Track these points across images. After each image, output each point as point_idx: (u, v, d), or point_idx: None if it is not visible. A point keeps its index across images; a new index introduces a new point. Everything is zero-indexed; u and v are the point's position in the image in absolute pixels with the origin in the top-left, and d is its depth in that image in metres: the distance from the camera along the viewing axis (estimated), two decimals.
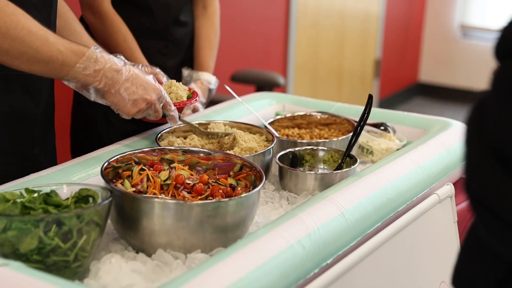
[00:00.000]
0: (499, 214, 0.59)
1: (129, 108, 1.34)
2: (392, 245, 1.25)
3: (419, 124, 1.69)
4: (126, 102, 1.32)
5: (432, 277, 1.38)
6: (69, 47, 1.24)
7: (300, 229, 1.08)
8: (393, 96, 5.32)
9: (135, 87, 1.32)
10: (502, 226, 0.60)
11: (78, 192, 1.10)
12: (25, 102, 1.37)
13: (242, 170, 1.25)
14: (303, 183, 1.36)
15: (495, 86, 0.61)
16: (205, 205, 1.08)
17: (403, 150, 1.47)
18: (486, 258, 0.66)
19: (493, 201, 0.60)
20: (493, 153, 0.59)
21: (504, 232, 0.60)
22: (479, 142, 0.61)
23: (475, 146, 0.62)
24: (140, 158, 1.25)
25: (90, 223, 1.02)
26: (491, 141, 0.59)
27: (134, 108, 1.34)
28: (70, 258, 1.00)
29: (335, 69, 4.55)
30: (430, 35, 5.53)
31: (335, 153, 1.48)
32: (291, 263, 1.01)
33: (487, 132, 0.60)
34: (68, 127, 1.98)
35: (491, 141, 0.59)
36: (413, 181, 1.35)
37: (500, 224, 0.60)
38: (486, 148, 0.60)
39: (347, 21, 4.53)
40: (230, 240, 1.11)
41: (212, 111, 1.76)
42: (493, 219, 0.61)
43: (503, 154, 0.58)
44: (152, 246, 1.09)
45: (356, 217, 1.17)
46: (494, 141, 0.59)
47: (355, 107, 1.79)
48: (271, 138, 1.48)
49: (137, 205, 1.08)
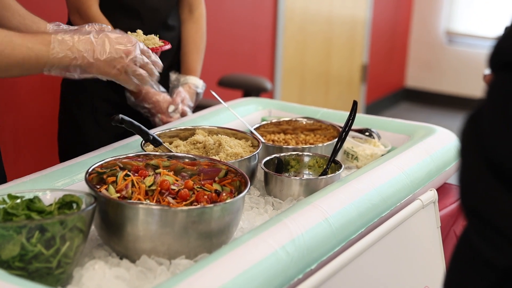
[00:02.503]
0: (494, 224, 0.60)
1: (114, 72, 1.31)
2: (376, 250, 1.25)
3: (403, 130, 1.70)
4: (108, 66, 1.30)
5: (416, 282, 1.38)
6: (35, 40, 1.23)
7: (284, 234, 1.08)
8: (380, 101, 5.34)
9: (107, 47, 1.30)
10: (497, 236, 0.60)
11: (61, 198, 1.10)
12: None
13: (227, 176, 1.25)
14: (288, 189, 1.37)
15: (490, 98, 0.61)
16: (190, 211, 1.08)
17: (388, 156, 1.48)
18: (477, 266, 0.66)
19: (489, 212, 0.60)
20: (489, 165, 0.59)
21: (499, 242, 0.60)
22: (475, 153, 0.61)
23: (471, 157, 0.62)
24: (125, 163, 1.25)
25: (73, 229, 1.01)
26: (487, 153, 0.60)
27: (114, 69, 1.31)
28: (53, 265, 0.99)
29: (323, 74, 4.56)
30: (417, 41, 5.56)
31: (320, 158, 1.48)
32: (275, 269, 1.02)
33: (483, 144, 0.60)
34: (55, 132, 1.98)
35: (487, 153, 0.60)
36: (397, 187, 1.36)
37: (495, 234, 0.60)
38: (482, 160, 0.60)
39: (334, 27, 4.55)
40: (215, 246, 1.11)
41: (198, 117, 1.76)
42: (488, 229, 0.61)
43: (499, 166, 0.58)
44: (136, 252, 1.09)
45: (340, 223, 1.18)
46: (490, 153, 0.59)
47: (340, 113, 1.80)
48: (256, 143, 1.48)
49: (121, 211, 1.08)
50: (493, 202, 0.59)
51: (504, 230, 0.59)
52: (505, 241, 0.59)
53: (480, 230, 0.62)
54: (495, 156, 0.59)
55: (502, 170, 0.58)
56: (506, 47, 0.62)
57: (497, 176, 0.59)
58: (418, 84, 5.65)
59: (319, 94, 4.58)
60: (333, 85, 4.70)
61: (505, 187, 0.58)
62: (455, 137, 1.65)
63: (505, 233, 0.59)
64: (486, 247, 0.62)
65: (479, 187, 0.60)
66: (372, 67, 5.07)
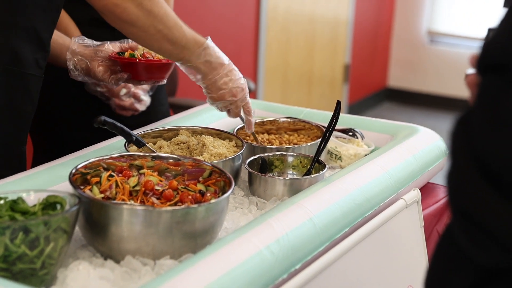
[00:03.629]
0: (482, 225, 0.60)
1: (227, 93, 1.48)
2: (360, 250, 1.26)
3: (386, 130, 1.71)
4: (226, 88, 1.48)
5: (400, 281, 1.39)
6: (192, 34, 1.42)
7: (268, 234, 1.08)
8: (362, 101, 5.37)
9: (235, 77, 1.48)
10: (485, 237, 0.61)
11: (45, 198, 1.09)
12: (23, 100, 1.38)
13: (212, 176, 1.26)
14: (272, 189, 1.37)
15: (479, 101, 0.62)
16: (174, 211, 1.08)
17: (371, 156, 1.49)
18: (460, 265, 0.67)
19: (476, 212, 0.60)
20: (479, 167, 0.60)
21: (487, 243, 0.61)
22: (465, 155, 0.61)
23: (460, 159, 0.62)
24: (108, 164, 1.25)
25: (57, 230, 1.01)
26: (477, 154, 0.60)
27: (229, 93, 1.49)
28: (37, 266, 0.99)
29: (305, 74, 4.57)
30: (399, 41, 5.59)
31: (304, 158, 1.49)
32: (260, 269, 1.02)
33: (473, 146, 0.61)
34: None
35: (476, 154, 0.60)
36: (380, 187, 1.37)
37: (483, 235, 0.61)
38: (472, 162, 0.60)
39: (316, 27, 4.56)
40: (199, 246, 1.11)
41: (181, 117, 1.76)
42: (474, 229, 0.61)
43: (489, 168, 0.59)
44: (120, 252, 1.09)
45: (325, 223, 1.18)
46: (480, 155, 0.60)
47: (324, 113, 1.81)
48: (240, 144, 1.48)
49: (106, 211, 1.08)
50: (482, 204, 0.60)
51: (492, 231, 0.59)
52: (493, 242, 0.60)
53: (467, 229, 0.62)
54: (484, 158, 0.59)
55: (492, 172, 0.59)
56: (493, 49, 0.62)
57: (486, 177, 0.59)
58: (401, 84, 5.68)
59: (302, 94, 4.59)
60: (316, 85, 4.71)
61: (495, 189, 0.59)
62: (438, 137, 1.66)
63: (493, 234, 0.59)
64: (474, 248, 0.63)
65: (468, 189, 0.61)
66: (354, 67, 5.09)
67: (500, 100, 0.59)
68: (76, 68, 1.57)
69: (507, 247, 0.59)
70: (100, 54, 1.55)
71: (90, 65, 1.56)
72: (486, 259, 0.62)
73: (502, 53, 0.60)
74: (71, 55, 1.56)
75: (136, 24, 1.34)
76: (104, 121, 1.34)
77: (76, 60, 1.56)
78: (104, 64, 1.56)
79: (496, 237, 0.59)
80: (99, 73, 1.56)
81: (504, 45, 0.61)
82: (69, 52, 1.57)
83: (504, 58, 0.60)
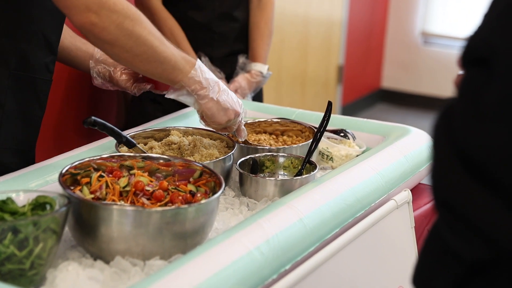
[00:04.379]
0: (464, 216, 0.61)
1: (221, 115, 1.43)
2: (351, 250, 1.26)
3: (378, 130, 1.71)
4: (220, 110, 1.42)
5: (390, 282, 1.39)
6: (179, 53, 1.36)
7: (258, 235, 1.08)
8: (356, 102, 5.37)
9: (228, 98, 1.43)
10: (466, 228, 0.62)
11: (35, 199, 1.09)
12: (32, 104, 1.38)
13: (202, 177, 1.25)
14: (263, 189, 1.37)
15: (461, 93, 0.63)
16: (164, 211, 1.08)
17: (362, 157, 1.49)
18: (446, 259, 0.67)
19: (458, 203, 0.61)
20: (461, 158, 0.61)
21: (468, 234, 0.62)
22: (447, 147, 0.62)
23: (442, 150, 0.63)
24: (99, 164, 1.24)
25: (47, 231, 1.01)
26: (459, 146, 0.61)
27: (224, 116, 1.43)
28: (25, 266, 0.99)
29: (299, 75, 4.58)
30: (392, 42, 5.60)
31: (295, 159, 1.49)
32: (250, 269, 1.02)
33: (454, 137, 0.61)
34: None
35: (458, 146, 0.61)
36: (371, 187, 1.37)
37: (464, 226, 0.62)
38: (454, 153, 0.61)
39: (310, 28, 4.56)
40: (189, 247, 1.11)
41: (173, 117, 1.75)
42: (457, 221, 0.62)
43: (470, 159, 0.60)
44: (110, 253, 1.09)
45: (315, 223, 1.18)
46: (461, 146, 0.61)
47: (316, 114, 1.81)
48: (231, 144, 1.48)
49: (95, 212, 1.07)
50: (464, 195, 0.60)
51: (475, 222, 0.60)
52: (476, 234, 0.61)
53: (450, 222, 0.63)
54: (466, 150, 0.60)
55: (473, 163, 0.60)
56: (475, 44, 0.63)
57: (468, 169, 0.60)
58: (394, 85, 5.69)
59: (295, 95, 4.59)
60: (309, 86, 4.71)
61: (476, 180, 0.59)
62: (429, 138, 1.66)
63: (476, 226, 0.60)
64: (455, 239, 0.64)
65: (450, 180, 0.62)
66: (348, 68, 5.09)
67: (481, 93, 0.60)
68: (99, 76, 1.60)
69: (490, 238, 0.59)
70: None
71: (113, 73, 1.58)
72: (469, 252, 0.63)
73: (484, 47, 0.61)
74: (94, 64, 1.59)
75: (117, 44, 1.27)
76: (94, 121, 1.34)
77: (99, 68, 1.58)
78: (126, 72, 1.60)
79: (478, 228, 0.60)
80: (122, 81, 1.59)
81: (485, 39, 0.62)
82: (92, 61, 1.59)
83: (486, 52, 0.61)
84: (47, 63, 1.37)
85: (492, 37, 0.61)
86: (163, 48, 1.31)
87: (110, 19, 1.23)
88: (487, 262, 0.63)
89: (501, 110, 0.58)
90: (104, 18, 1.22)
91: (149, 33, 1.29)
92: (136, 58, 1.30)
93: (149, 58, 1.30)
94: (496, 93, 0.58)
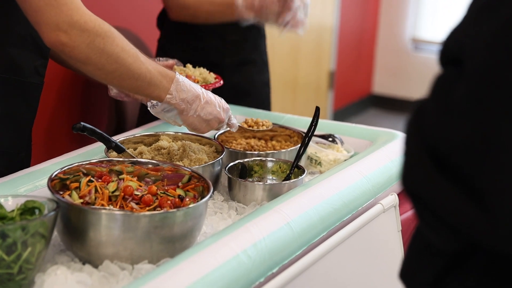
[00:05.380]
0: (431, 207, 0.64)
1: (204, 128, 1.44)
2: (337, 254, 1.27)
3: (366, 135, 1.73)
4: (202, 123, 1.43)
5: (377, 285, 1.41)
6: (156, 68, 1.34)
7: (246, 239, 1.09)
8: (348, 107, 5.39)
9: (210, 109, 1.42)
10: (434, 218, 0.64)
11: (24, 204, 1.09)
12: (22, 107, 1.39)
13: (191, 181, 1.26)
14: (251, 194, 1.38)
15: (433, 91, 0.65)
16: (152, 216, 1.09)
17: (350, 161, 1.50)
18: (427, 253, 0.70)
19: (425, 194, 0.64)
20: (428, 152, 0.63)
21: (436, 223, 0.64)
22: (417, 141, 0.65)
23: (412, 143, 0.66)
24: (88, 169, 1.25)
25: (35, 235, 1.01)
26: (428, 141, 0.63)
27: (208, 127, 1.44)
28: (14, 271, 0.99)
29: (290, 81, 4.59)
30: (383, 48, 5.63)
31: (284, 164, 1.50)
32: (237, 273, 1.03)
33: (424, 132, 0.64)
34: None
35: (427, 141, 0.63)
36: (358, 191, 1.38)
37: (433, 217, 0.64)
38: (422, 147, 0.64)
39: None
40: (178, 251, 1.12)
41: (163, 123, 1.76)
42: (426, 212, 0.65)
43: (437, 152, 0.62)
44: (99, 257, 1.09)
45: (302, 227, 1.20)
46: (430, 141, 0.63)
47: (305, 119, 1.82)
48: (220, 149, 1.49)
49: (84, 216, 1.08)
50: (430, 186, 0.63)
51: (439, 212, 0.63)
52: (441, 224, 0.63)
53: (422, 214, 0.66)
54: (434, 144, 0.63)
55: (439, 156, 0.62)
56: (450, 44, 0.66)
57: (435, 162, 0.62)
58: (385, 90, 5.72)
59: (287, 100, 4.61)
60: (300, 91, 4.73)
61: (441, 172, 0.62)
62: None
63: (440, 216, 0.63)
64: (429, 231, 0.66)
65: (418, 172, 0.64)
66: (339, 73, 5.11)
67: (451, 90, 0.62)
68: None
69: (454, 228, 0.61)
70: None
71: None
72: (440, 242, 0.65)
73: (456, 47, 0.64)
74: None
75: (89, 62, 1.25)
76: (83, 127, 1.35)
77: None
78: None
79: (443, 218, 0.62)
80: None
81: (457, 39, 0.65)
82: None
83: (459, 52, 0.64)
84: (37, 67, 1.37)
85: (462, 37, 0.64)
86: (137, 64, 1.30)
87: (80, 39, 1.22)
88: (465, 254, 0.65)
89: (466, 106, 0.60)
90: (74, 37, 1.21)
91: (122, 50, 1.27)
92: (110, 75, 1.29)
93: (123, 75, 1.29)
94: (463, 90, 0.61)
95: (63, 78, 2.33)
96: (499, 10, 0.61)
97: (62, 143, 2.37)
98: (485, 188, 0.58)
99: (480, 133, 0.59)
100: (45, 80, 1.46)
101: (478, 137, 0.59)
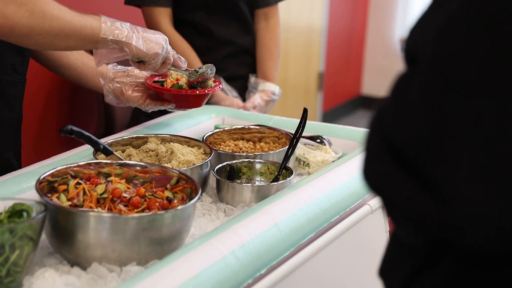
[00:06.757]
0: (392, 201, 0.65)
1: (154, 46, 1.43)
2: (325, 255, 1.28)
3: (353, 136, 1.74)
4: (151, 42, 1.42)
5: (365, 286, 1.41)
6: (86, 14, 1.32)
7: (234, 240, 1.10)
8: (337, 108, 5.41)
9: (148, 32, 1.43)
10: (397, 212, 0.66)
11: (11, 206, 1.09)
12: (0, 106, 1.38)
13: (179, 183, 1.27)
14: (240, 195, 1.39)
15: (393, 89, 0.67)
16: (141, 218, 1.09)
17: (338, 162, 1.51)
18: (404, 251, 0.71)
19: (385, 189, 0.65)
20: (387, 147, 0.64)
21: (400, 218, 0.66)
22: (377, 137, 0.66)
23: (373, 139, 0.67)
24: (76, 172, 1.25)
25: (23, 238, 1.02)
26: (386, 135, 0.65)
27: (157, 45, 1.43)
28: (2, 274, 0.99)
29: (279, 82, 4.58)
30: (372, 49, 5.65)
31: (272, 165, 1.51)
32: (225, 274, 1.03)
33: (384, 127, 0.66)
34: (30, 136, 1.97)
35: (386, 135, 0.65)
36: (346, 192, 1.39)
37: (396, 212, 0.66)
38: (382, 143, 0.65)
39: (290, 35, 4.59)
40: (166, 252, 1.12)
41: (151, 125, 1.77)
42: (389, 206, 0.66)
43: (395, 147, 0.64)
44: (87, 259, 1.09)
45: (290, 228, 1.20)
46: (389, 137, 0.65)
47: (293, 120, 1.83)
48: (209, 151, 1.50)
49: (72, 218, 1.08)
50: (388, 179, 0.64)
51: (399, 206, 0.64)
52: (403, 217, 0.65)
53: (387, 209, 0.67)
54: (392, 139, 0.64)
55: (397, 151, 0.63)
56: (408, 45, 0.68)
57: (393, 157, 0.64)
58: (374, 91, 5.74)
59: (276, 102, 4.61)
60: (290, 93, 4.74)
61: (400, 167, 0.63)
62: None
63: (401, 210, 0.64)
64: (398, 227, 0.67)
65: (377, 167, 0.66)
66: (328, 75, 5.13)
67: (407, 86, 0.64)
68: (111, 93, 1.60)
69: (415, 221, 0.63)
70: (134, 80, 1.59)
71: (125, 90, 1.59)
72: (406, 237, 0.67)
73: (412, 47, 0.66)
74: (106, 81, 1.59)
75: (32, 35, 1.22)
76: (71, 129, 1.35)
77: (110, 86, 1.59)
78: (138, 89, 1.61)
79: (404, 212, 0.63)
80: (134, 98, 1.60)
81: (413, 39, 0.67)
82: (104, 79, 1.60)
83: (413, 51, 0.66)
84: (14, 64, 1.36)
85: (416, 36, 0.67)
86: (75, 18, 1.28)
87: (19, 14, 1.18)
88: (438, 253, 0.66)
89: (419, 99, 0.62)
90: (11, 16, 1.17)
91: (58, 8, 1.25)
92: (56, 39, 1.26)
93: (69, 34, 1.27)
94: (417, 86, 0.62)
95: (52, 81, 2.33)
96: (445, 6, 0.63)
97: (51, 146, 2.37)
98: (438, 179, 0.59)
99: (431, 125, 0.60)
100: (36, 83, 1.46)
101: (429, 129, 0.60)
